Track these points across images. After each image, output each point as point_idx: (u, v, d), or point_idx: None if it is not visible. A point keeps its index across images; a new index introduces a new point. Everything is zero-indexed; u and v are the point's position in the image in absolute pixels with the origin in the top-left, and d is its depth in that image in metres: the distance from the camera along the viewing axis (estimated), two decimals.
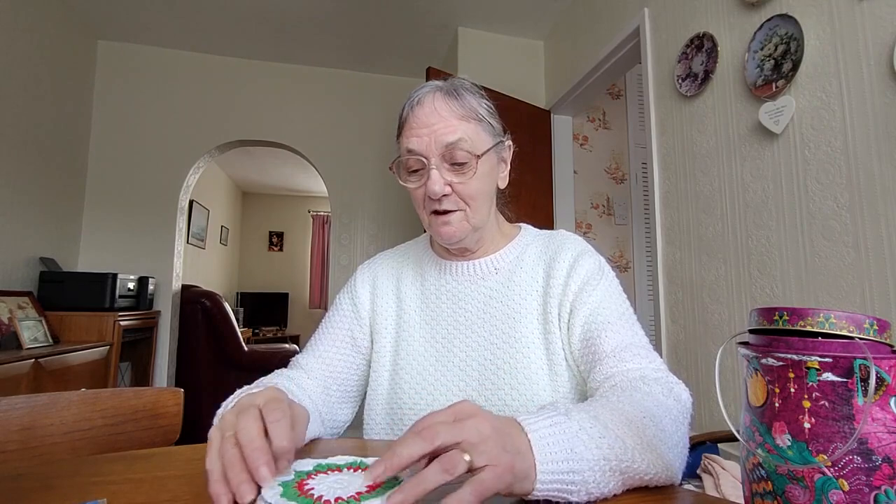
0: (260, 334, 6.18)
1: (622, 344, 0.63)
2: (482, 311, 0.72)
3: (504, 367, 0.68)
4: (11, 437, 0.67)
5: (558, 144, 3.02)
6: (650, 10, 2.12)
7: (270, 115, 3.51)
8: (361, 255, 3.61)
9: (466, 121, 0.68)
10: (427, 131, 0.66)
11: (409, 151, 0.68)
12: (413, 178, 0.70)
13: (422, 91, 0.70)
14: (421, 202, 0.70)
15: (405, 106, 0.70)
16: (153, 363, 3.09)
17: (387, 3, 2.89)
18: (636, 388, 0.55)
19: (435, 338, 0.73)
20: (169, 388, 0.81)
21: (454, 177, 0.67)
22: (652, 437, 0.47)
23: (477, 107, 0.70)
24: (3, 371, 1.87)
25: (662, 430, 0.49)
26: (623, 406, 0.50)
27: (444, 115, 0.67)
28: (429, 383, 0.71)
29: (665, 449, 0.48)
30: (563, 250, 0.72)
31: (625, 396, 0.53)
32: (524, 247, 0.77)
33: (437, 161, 0.66)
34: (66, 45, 2.92)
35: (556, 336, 0.68)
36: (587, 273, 0.69)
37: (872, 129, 1.23)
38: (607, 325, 0.65)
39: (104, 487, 0.46)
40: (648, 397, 0.53)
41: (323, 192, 4.89)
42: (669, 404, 0.54)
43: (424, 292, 0.77)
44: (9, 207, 2.47)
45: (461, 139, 0.66)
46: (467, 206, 0.69)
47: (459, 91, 0.70)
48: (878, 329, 0.36)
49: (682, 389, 0.58)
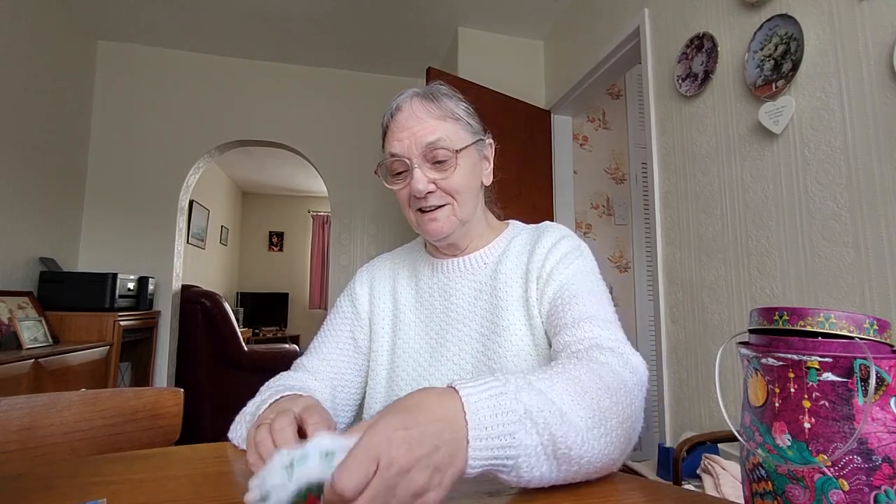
0: (260, 334, 6.18)
1: (585, 314, 0.63)
2: (472, 305, 0.75)
3: (494, 357, 0.69)
4: (11, 438, 0.67)
5: (558, 144, 3.02)
6: (650, 10, 2.12)
7: (270, 115, 3.51)
8: (361, 255, 3.61)
9: (444, 120, 0.71)
10: (407, 134, 0.69)
11: (391, 155, 0.71)
12: (398, 180, 0.72)
13: (400, 98, 0.73)
14: (406, 202, 0.73)
15: (386, 114, 0.74)
16: (153, 363, 3.09)
17: (387, 3, 2.89)
18: (591, 357, 0.55)
19: (429, 333, 0.76)
20: (169, 389, 0.81)
21: (436, 174, 0.70)
22: (607, 408, 0.46)
23: (454, 108, 0.73)
24: (3, 371, 1.87)
25: (617, 403, 0.48)
26: (578, 372, 0.49)
27: (421, 117, 0.70)
28: (424, 378, 0.72)
29: (618, 421, 0.47)
30: (545, 236, 0.74)
31: (581, 364, 0.52)
32: (510, 239, 0.79)
33: (419, 161, 0.69)
34: (66, 45, 2.92)
35: (538, 321, 0.69)
36: (564, 251, 0.71)
37: (872, 129, 1.23)
38: (574, 297, 0.66)
39: (104, 487, 0.46)
40: (603, 367, 0.53)
41: (323, 192, 4.89)
42: (625, 375, 0.53)
43: (419, 290, 0.79)
44: (9, 207, 2.47)
45: (440, 138, 0.69)
46: (454, 200, 0.71)
47: (436, 95, 0.73)
48: (878, 329, 0.36)
49: (638, 360, 0.58)
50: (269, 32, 3.19)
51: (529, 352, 0.68)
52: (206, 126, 3.39)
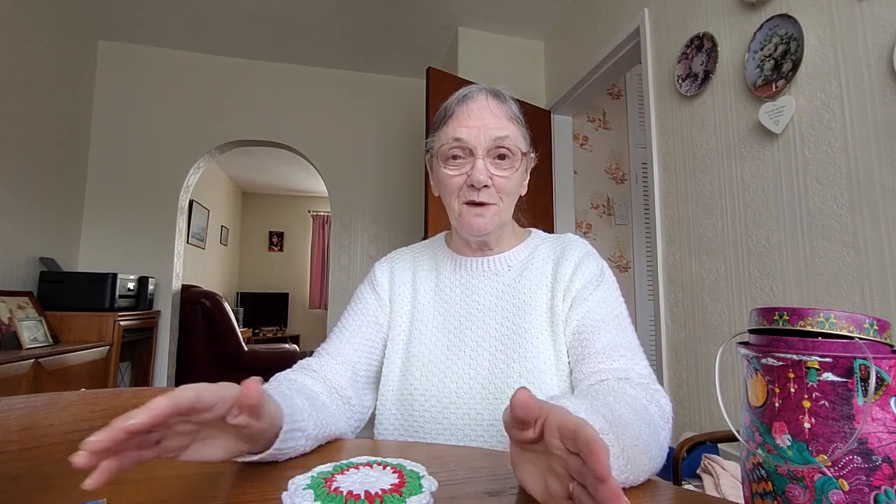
0: (260, 334, 6.18)
1: (612, 343, 0.66)
2: (494, 304, 0.76)
3: (513, 357, 0.70)
4: (11, 437, 0.67)
5: (558, 144, 3.02)
6: (650, 10, 2.12)
7: (270, 115, 3.51)
8: (361, 255, 3.61)
9: (513, 122, 0.74)
10: (478, 124, 0.71)
11: (456, 140, 0.71)
12: (453, 166, 0.73)
13: (472, 89, 0.75)
14: (456, 191, 0.73)
15: (453, 100, 0.74)
16: (153, 363, 3.09)
17: (387, 4, 2.89)
18: (623, 389, 0.58)
19: (447, 327, 0.77)
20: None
21: (497, 170, 0.72)
22: (639, 438, 0.48)
23: (518, 114, 0.76)
24: (3, 371, 1.87)
25: (651, 434, 0.51)
26: (618, 406, 0.52)
27: (496, 112, 0.72)
28: (440, 370, 0.73)
29: (639, 451, 0.48)
30: (571, 250, 0.77)
31: (617, 398, 0.55)
32: (535, 247, 0.81)
33: (483, 153, 0.71)
34: (66, 45, 2.92)
35: (561, 328, 0.71)
36: (590, 274, 0.73)
37: (872, 129, 1.23)
38: (601, 323, 0.68)
39: (104, 487, 0.46)
40: (635, 401, 0.56)
41: (323, 192, 4.90)
42: (652, 410, 0.57)
43: (439, 285, 0.81)
44: (9, 207, 2.47)
45: (508, 136, 0.71)
46: (501, 202, 0.73)
47: (506, 97, 0.76)
48: (878, 329, 0.36)
49: (662, 396, 0.61)
50: (269, 32, 3.19)
51: (549, 355, 0.69)
52: (206, 126, 3.39)
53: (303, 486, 0.40)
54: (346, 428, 0.68)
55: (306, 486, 0.40)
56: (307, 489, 0.40)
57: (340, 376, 0.72)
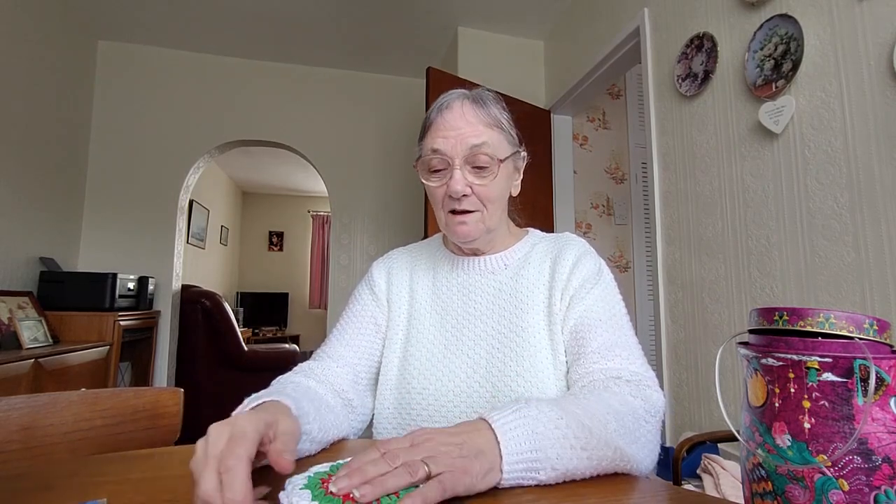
0: (260, 334, 6.18)
1: (608, 343, 0.67)
2: (491, 303, 0.76)
3: (510, 355, 0.70)
4: (11, 437, 0.67)
5: (558, 144, 3.02)
6: (650, 10, 2.12)
7: (270, 115, 3.51)
8: (361, 255, 3.61)
9: (491, 128, 0.72)
10: (454, 133, 0.70)
11: (433, 151, 0.71)
12: (435, 177, 0.73)
13: (450, 97, 0.74)
14: (440, 201, 0.74)
15: (433, 109, 0.74)
16: (153, 363, 3.09)
17: (387, 4, 2.89)
18: (607, 387, 0.61)
19: (445, 326, 0.77)
20: (169, 388, 0.81)
21: (475, 178, 0.71)
22: (613, 430, 0.52)
23: (500, 116, 0.74)
24: (3, 371, 1.87)
25: (623, 426, 0.54)
26: (587, 401, 0.55)
27: (471, 120, 0.71)
28: (437, 369, 0.73)
29: (624, 442, 0.52)
30: (568, 249, 0.77)
31: (593, 394, 0.59)
32: (532, 245, 0.81)
33: (460, 162, 0.70)
34: (66, 45, 2.92)
35: (558, 327, 0.72)
36: (588, 272, 0.74)
37: (872, 129, 1.23)
38: (598, 322, 0.69)
39: (104, 487, 0.46)
40: (615, 396, 0.59)
41: (323, 192, 4.89)
42: (636, 404, 0.59)
43: (436, 284, 0.81)
44: (9, 207, 2.47)
45: (485, 143, 0.70)
46: (484, 208, 0.73)
47: (486, 100, 0.74)
48: (878, 329, 0.36)
49: (653, 391, 0.62)
50: (269, 32, 3.19)
51: (546, 354, 0.70)
52: (206, 126, 3.39)
53: (300, 486, 0.41)
54: (349, 431, 0.68)
55: (303, 486, 0.41)
56: (304, 489, 0.40)
57: (342, 379, 0.73)
